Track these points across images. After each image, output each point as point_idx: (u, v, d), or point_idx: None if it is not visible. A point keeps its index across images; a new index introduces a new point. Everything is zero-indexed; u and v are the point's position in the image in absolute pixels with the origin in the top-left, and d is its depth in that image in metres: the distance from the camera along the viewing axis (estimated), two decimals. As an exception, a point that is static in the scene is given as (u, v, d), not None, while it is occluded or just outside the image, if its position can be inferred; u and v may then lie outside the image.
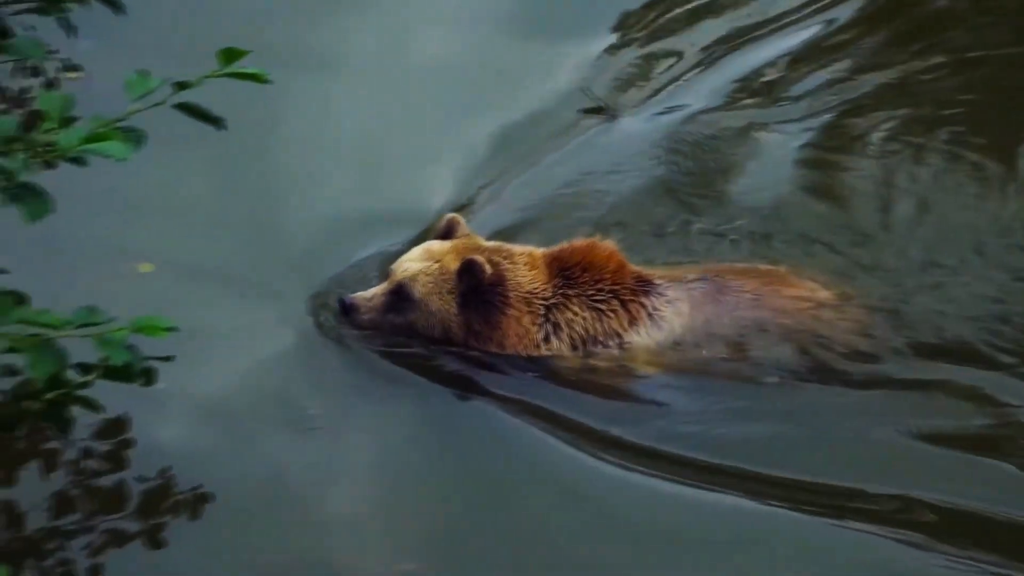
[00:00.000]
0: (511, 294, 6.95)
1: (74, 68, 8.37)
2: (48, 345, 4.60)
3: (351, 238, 7.78)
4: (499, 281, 6.93)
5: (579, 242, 7.10)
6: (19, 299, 4.67)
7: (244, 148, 8.05)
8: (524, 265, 7.00)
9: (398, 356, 7.07)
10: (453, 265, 6.92)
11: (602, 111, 9.01)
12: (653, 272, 7.15)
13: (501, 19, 9.65)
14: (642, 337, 6.97)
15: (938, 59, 9.50)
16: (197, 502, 6.16)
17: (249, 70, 4.55)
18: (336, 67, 8.94)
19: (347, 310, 6.94)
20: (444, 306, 6.93)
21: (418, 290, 6.94)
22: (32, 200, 4.45)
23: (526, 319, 6.97)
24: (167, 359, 4.89)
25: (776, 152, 8.68)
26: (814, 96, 9.21)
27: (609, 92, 9.25)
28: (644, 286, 7.02)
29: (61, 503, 6.11)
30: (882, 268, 7.57)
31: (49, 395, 4.84)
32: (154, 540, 6.01)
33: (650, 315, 6.98)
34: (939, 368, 6.99)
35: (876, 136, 8.72)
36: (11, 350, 4.62)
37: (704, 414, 6.81)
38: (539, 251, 7.12)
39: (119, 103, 4.60)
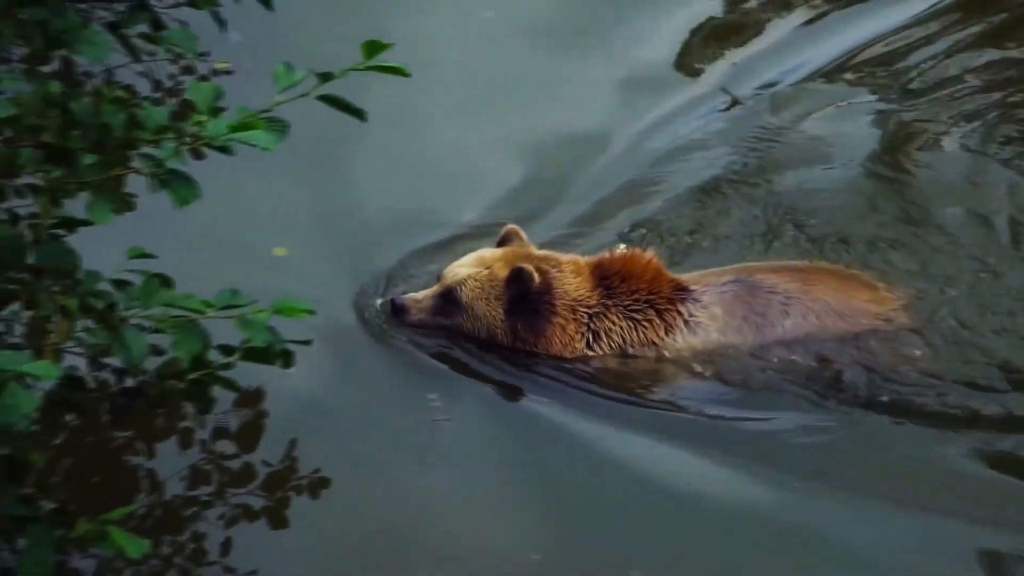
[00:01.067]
0: (557, 302, 7.07)
1: (223, 61, 8.61)
2: (192, 326, 4.75)
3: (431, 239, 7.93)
4: (546, 289, 7.04)
5: (619, 251, 7.21)
6: (165, 282, 4.82)
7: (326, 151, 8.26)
8: (570, 273, 7.11)
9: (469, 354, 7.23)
10: (502, 272, 7.07)
11: (737, 104, 9.00)
12: (690, 278, 7.21)
13: (568, 25, 9.71)
14: (679, 343, 7.04)
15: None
16: (317, 485, 6.33)
17: (390, 64, 4.61)
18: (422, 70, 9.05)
19: (397, 310, 7.12)
20: (490, 311, 7.08)
21: (466, 295, 7.10)
22: (181, 186, 4.57)
23: (571, 327, 7.08)
24: (306, 343, 5.00)
25: (859, 144, 8.58)
26: (905, 84, 9.11)
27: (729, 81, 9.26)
28: (680, 293, 7.10)
29: (195, 477, 6.33)
30: (956, 275, 7.47)
31: (192, 375, 4.99)
32: (277, 518, 6.20)
33: (686, 322, 7.05)
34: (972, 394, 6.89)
35: (967, 132, 8.57)
36: (156, 331, 4.78)
37: (734, 419, 6.89)
38: (583, 260, 7.22)
39: (265, 95, 4.68)
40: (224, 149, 4.60)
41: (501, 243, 7.31)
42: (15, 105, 4.45)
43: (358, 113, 4.72)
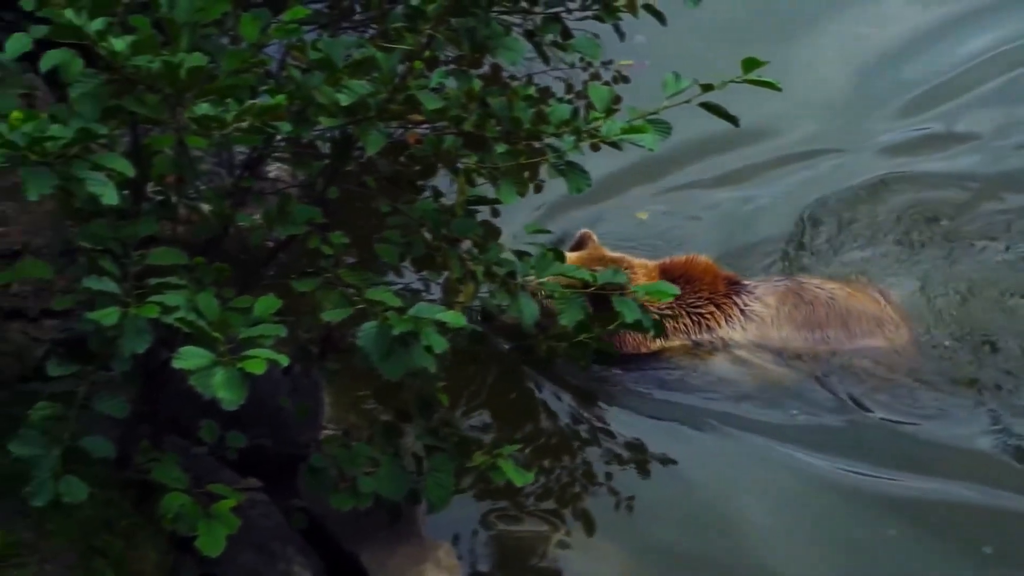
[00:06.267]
0: None
1: (628, 61, 9.24)
2: (576, 298, 5.41)
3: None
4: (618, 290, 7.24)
5: (679, 256, 7.48)
6: (557, 255, 5.46)
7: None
8: (641, 276, 7.26)
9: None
10: None
11: None
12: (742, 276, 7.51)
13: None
14: (737, 332, 7.33)
15: None
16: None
17: (764, 79, 4.93)
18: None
19: (484, 314, 7.21)
20: None
21: (542, 299, 7.31)
22: (576, 175, 5.10)
23: None
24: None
25: None
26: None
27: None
28: (735, 287, 7.43)
29: (568, 425, 7.09)
30: None
31: (575, 339, 5.63)
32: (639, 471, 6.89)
33: (742, 311, 7.35)
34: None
35: None
36: (547, 296, 5.45)
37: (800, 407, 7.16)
38: (652, 263, 7.43)
39: (658, 93, 5.08)
40: (615, 145, 5.08)
41: (576, 247, 7.51)
42: (443, 99, 5.06)
43: (732, 119, 5.13)
